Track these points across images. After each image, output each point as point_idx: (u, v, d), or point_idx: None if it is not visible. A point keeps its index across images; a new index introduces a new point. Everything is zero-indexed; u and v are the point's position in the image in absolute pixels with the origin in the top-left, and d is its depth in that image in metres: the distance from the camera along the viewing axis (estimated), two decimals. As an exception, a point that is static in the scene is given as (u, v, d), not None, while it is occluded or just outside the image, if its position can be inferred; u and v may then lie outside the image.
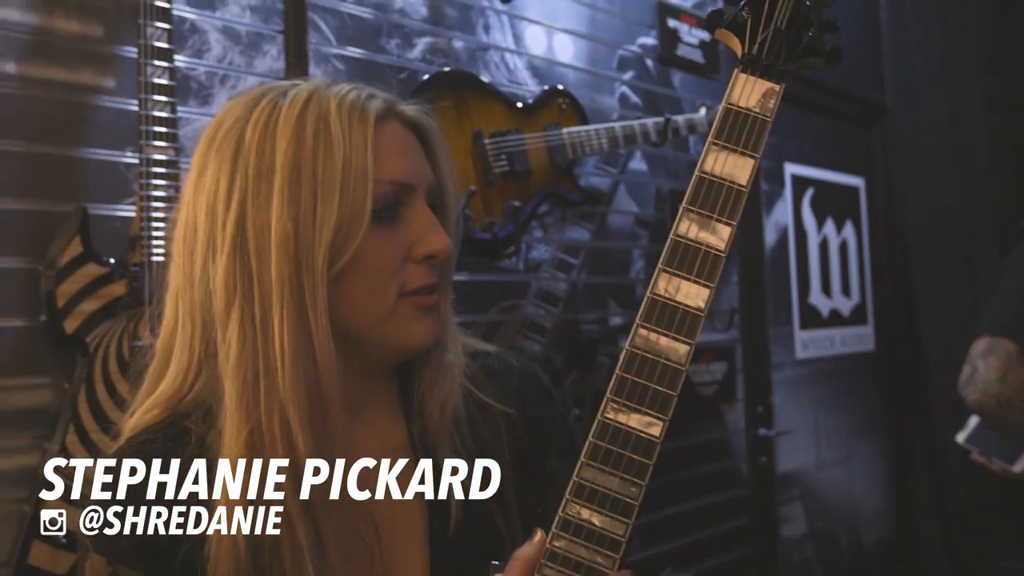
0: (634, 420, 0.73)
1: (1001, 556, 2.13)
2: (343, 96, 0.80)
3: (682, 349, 0.73)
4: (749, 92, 0.76)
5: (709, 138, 0.75)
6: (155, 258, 1.37)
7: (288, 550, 0.75)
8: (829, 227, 3.40)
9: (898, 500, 3.69)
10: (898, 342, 3.70)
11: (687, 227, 0.74)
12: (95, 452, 1.33)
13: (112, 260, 1.38)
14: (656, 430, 0.73)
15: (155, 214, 1.38)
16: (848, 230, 3.53)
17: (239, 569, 0.75)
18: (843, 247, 3.48)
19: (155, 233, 1.37)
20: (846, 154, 3.57)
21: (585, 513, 0.73)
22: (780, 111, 0.75)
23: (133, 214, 1.43)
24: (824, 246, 3.37)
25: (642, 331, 0.73)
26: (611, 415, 0.73)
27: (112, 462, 0.79)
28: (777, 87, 0.76)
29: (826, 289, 3.35)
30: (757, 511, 2.81)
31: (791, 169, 3.23)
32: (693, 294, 0.73)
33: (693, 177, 0.75)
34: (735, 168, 0.74)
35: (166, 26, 1.41)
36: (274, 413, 0.75)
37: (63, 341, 1.34)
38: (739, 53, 0.77)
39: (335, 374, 0.77)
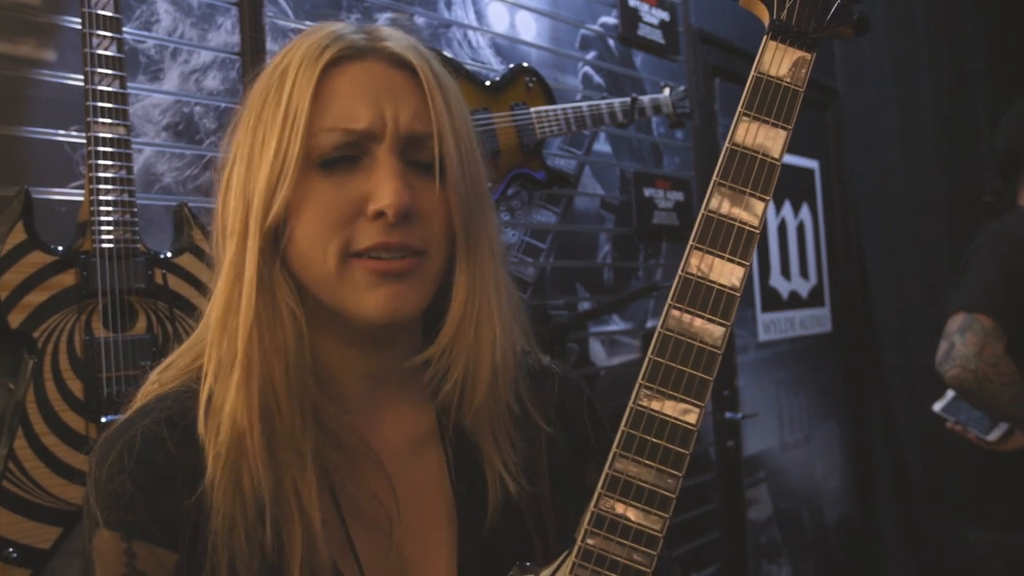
0: (669, 407, 0.68)
1: (973, 529, 2.14)
2: (317, 39, 0.76)
3: (717, 331, 0.69)
4: (780, 61, 0.73)
5: (739, 108, 0.72)
6: (108, 245, 1.27)
7: (291, 493, 0.72)
8: (787, 209, 3.40)
9: (858, 479, 3.73)
10: (854, 322, 3.74)
11: (719, 202, 0.71)
12: (47, 457, 1.23)
13: (59, 248, 1.27)
14: (692, 417, 0.68)
15: (104, 197, 1.28)
16: (804, 212, 3.54)
17: (244, 512, 0.71)
18: (800, 229, 3.49)
19: (105, 218, 1.27)
20: (801, 137, 3.58)
21: (620, 508, 0.69)
22: (737, 94, 0.73)
23: (81, 198, 1.32)
24: (782, 228, 3.37)
25: (675, 312, 0.68)
26: (644, 402, 0.68)
27: (126, 433, 0.74)
28: (808, 56, 0.73)
29: (785, 271, 3.35)
30: (725, 495, 2.80)
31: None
32: (727, 272, 0.70)
33: (724, 149, 0.71)
34: (767, 140, 0.71)
35: (112, -6, 1.30)
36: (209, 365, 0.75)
37: (7, 336, 1.23)
38: (766, 20, 0.74)
39: (262, 331, 0.73)
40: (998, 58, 3.61)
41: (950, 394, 2.13)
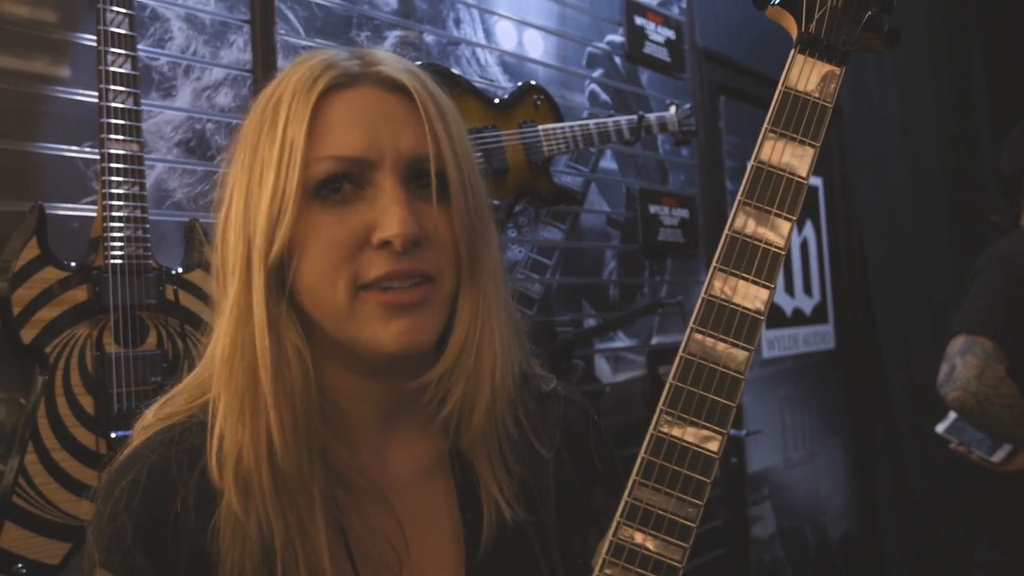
0: (690, 434, 0.67)
1: (977, 548, 2.13)
2: (311, 67, 0.74)
3: (741, 355, 0.67)
4: (808, 75, 0.71)
5: (765, 125, 0.70)
6: (118, 261, 1.27)
7: (299, 541, 0.70)
8: (790, 226, 3.39)
9: (861, 496, 3.71)
10: (857, 340, 3.73)
11: (744, 222, 0.69)
12: (57, 473, 1.22)
13: (72, 263, 1.27)
14: (714, 445, 0.67)
15: (117, 213, 1.28)
16: (808, 229, 3.54)
17: (250, 558, 0.70)
18: (804, 246, 3.49)
19: (118, 234, 1.28)
20: (804, 154, 3.58)
21: (639, 537, 0.67)
22: (742, 112, 0.70)
23: (94, 214, 1.32)
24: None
25: (697, 336, 0.67)
26: (665, 429, 0.67)
27: (131, 469, 0.72)
28: (838, 70, 0.71)
29: (789, 288, 3.35)
30: (729, 512, 2.78)
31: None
32: (751, 295, 0.68)
33: (749, 167, 0.69)
34: (794, 158, 0.69)
35: (127, 11, 1.31)
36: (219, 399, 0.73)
37: (20, 352, 1.23)
38: (794, 33, 0.72)
39: (275, 369, 0.71)
40: (1001, 76, 3.61)
41: (952, 415, 2.12)
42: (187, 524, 0.71)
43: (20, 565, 1.19)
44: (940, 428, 2.18)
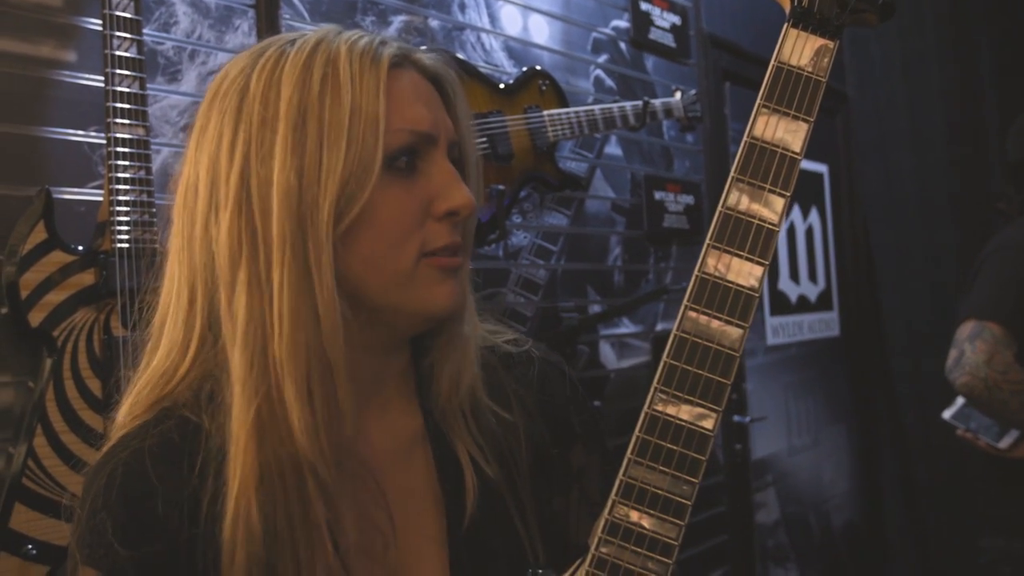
0: (685, 412, 0.67)
1: (981, 534, 2.13)
2: (355, 41, 0.73)
3: (735, 333, 0.67)
4: (800, 49, 0.69)
5: (758, 100, 0.69)
6: (124, 244, 1.28)
7: (303, 535, 0.69)
8: (795, 213, 3.39)
9: (865, 483, 3.72)
10: (862, 327, 3.73)
11: (737, 198, 0.68)
12: (66, 455, 1.23)
13: (79, 247, 1.28)
14: (709, 423, 0.67)
15: (123, 197, 1.29)
16: (813, 216, 3.53)
17: (254, 555, 0.68)
18: (809, 233, 3.48)
19: (124, 218, 1.28)
20: (810, 141, 3.56)
21: (634, 515, 0.67)
22: (747, 98, 0.70)
23: (100, 198, 1.33)
24: (791, 232, 3.36)
25: (691, 314, 0.67)
26: (660, 407, 0.67)
27: (106, 467, 0.72)
28: (831, 44, 0.70)
29: (794, 275, 3.34)
30: (734, 498, 2.79)
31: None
32: (745, 272, 0.68)
33: (742, 143, 0.69)
34: (787, 133, 0.69)
35: (133, -5, 1.31)
36: (282, 384, 0.70)
37: (27, 335, 1.24)
38: (787, 7, 0.71)
39: (341, 342, 0.70)
40: (1008, 61, 3.59)
41: (959, 401, 2.13)
42: (170, 519, 0.70)
43: (30, 546, 1.21)
44: (947, 414, 2.18)
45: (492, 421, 0.81)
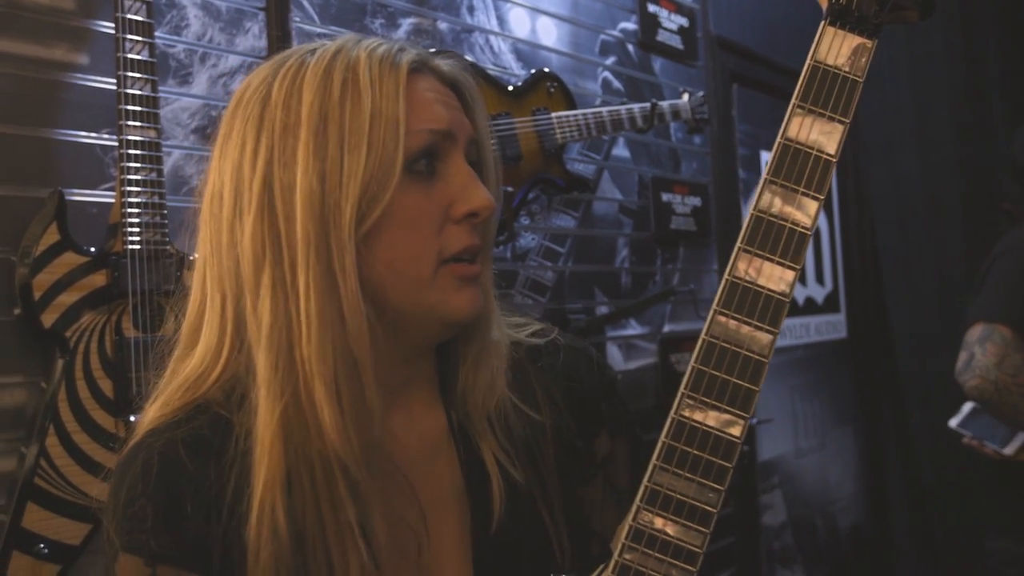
0: (712, 418, 0.66)
1: (989, 537, 2.13)
2: (373, 48, 0.74)
3: (765, 339, 0.66)
4: (838, 48, 0.68)
5: (793, 100, 0.68)
6: (136, 246, 1.28)
7: (333, 535, 0.69)
8: (802, 215, 3.38)
9: (872, 486, 3.71)
10: (869, 329, 3.72)
11: (770, 201, 0.67)
12: (78, 455, 1.23)
13: (92, 249, 1.28)
14: (737, 430, 0.66)
15: (135, 199, 1.28)
16: (821, 218, 3.52)
17: (280, 555, 0.69)
18: (816, 235, 3.47)
19: (136, 220, 1.28)
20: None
21: (659, 522, 0.66)
22: (754, 100, 0.69)
23: (112, 200, 1.33)
24: (798, 234, 3.34)
25: (721, 318, 0.67)
26: (687, 413, 0.67)
27: (140, 456, 0.72)
28: (870, 43, 0.68)
29: (801, 277, 3.33)
30: (740, 500, 2.79)
31: (767, 157, 3.20)
32: (776, 277, 0.67)
33: (775, 144, 0.68)
34: (822, 135, 0.67)
35: (145, -2, 1.31)
36: (310, 385, 0.70)
37: (40, 336, 1.24)
38: (824, 5, 0.69)
39: (367, 341, 0.71)
40: (1015, 63, 3.58)
41: (966, 409, 2.12)
42: (206, 506, 0.71)
43: (42, 545, 1.21)
44: (953, 423, 2.17)
45: (518, 423, 0.80)
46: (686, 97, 2.17)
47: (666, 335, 2.55)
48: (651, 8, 2.59)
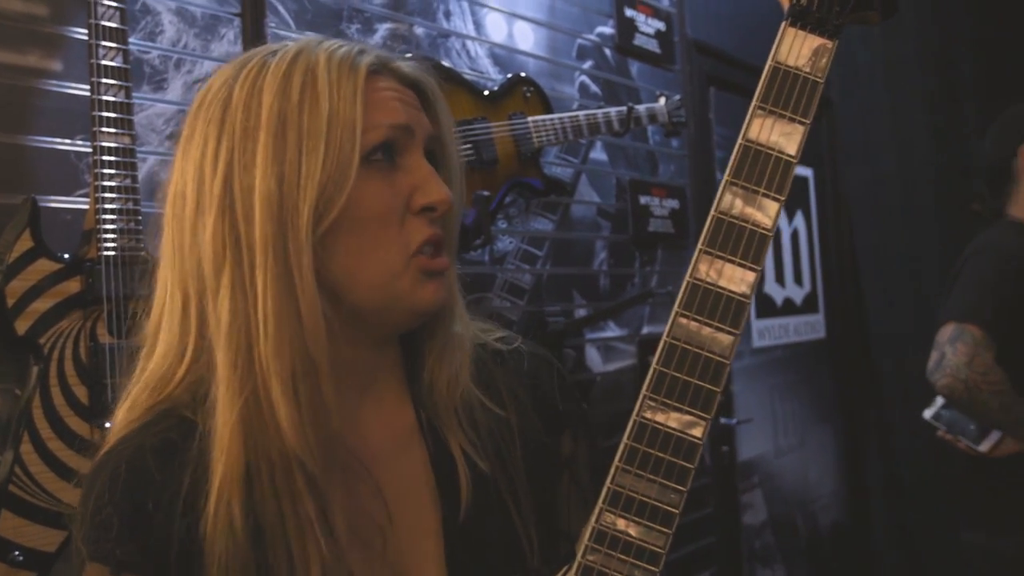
0: (674, 420, 0.67)
1: (964, 532, 2.14)
2: (333, 51, 0.75)
3: (726, 340, 0.67)
4: (798, 49, 0.68)
5: (754, 101, 0.68)
6: (111, 252, 1.28)
7: (293, 529, 0.70)
8: (781, 216, 3.39)
9: (851, 483, 3.73)
10: (847, 329, 3.74)
11: (730, 202, 0.68)
12: (52, 461, 1.22)
13: (65, 255, 1.27)
14: (698, 431, 0.67)
15: (109, 206, 1.28)
16: (799, 220, 3.55)
17: (235, 550, 0.69)
18: (795, 236, 3.50)
19: (110, 226, 1.28)
20: (795, 145, 3.58)
21: (621, 523, 0.67)
22: (732, 103, 0.69)
23: (86, 206, 1.32)
24: (777, 235, 3.37)
25: (682, 320, 0.67)
26: (649, 415, 0.67)
27: (108, 465, 0.73)
28: (830, 44, 0.68)
29: (780, 278, 3.36)
30: (720, 500, 2.80)
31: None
32: (737, 278, 0.67)
33: (736, 146, 0.68)
34: (783, 136, 0.68)
35: (118, 5, 1.30)
36: (268, 382, 0.71)
37: (14, 343, 1.23)
38: (785, 5, 0.69)
39: (324, 339, 0.72)
40: (987, 68, 3.62)
41: (939, 401, 2.14)
42: (170, 511, 0.71)
43: (17, 552, 1.20)
44: (927, 414, 2.19)
45: (484, 417, 0.81)
46: (663, 101, 2.18)
47: (644, 337, 2.56)
48: (628, 12, 2.61)
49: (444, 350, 0.80)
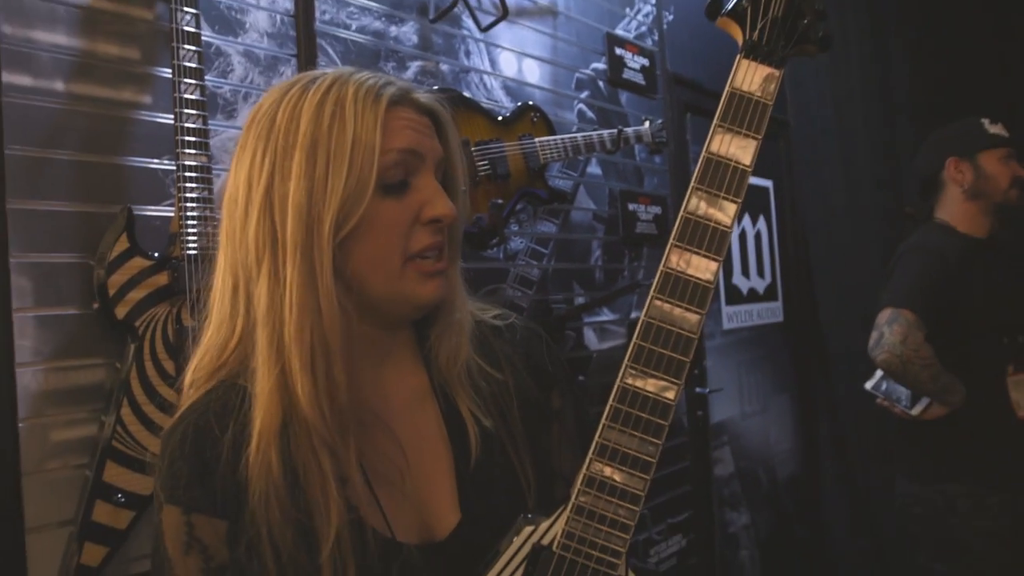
0: (651, 385, 0.67)
1: (898, 482, 2.14)
2: (361, 83, 0.75)
3: (694, 318, 0.67)
4: (751, 77, 0.69)
5: (715, 120, 0.69)
6: (191, 251, 1.29)
7: (316, 476, 0.72)
8: (746, 221, 3.39)
9: (805, 442, 3.72)
10: (801, 314, 3.73)
11: (696, 204, 0.68)
12: (147, 421, 1.25)
13: (155, 254, 1.29)
14: (671, 394, 0.67)
15: (190, 213, 1.30)
16: (761, 223, 3.53)
17: (273, 488, 0.71)
18: (757, 236, 3.48)
19: (191, 230, 1.29)
20: (758, 161, 3.54)
21: (607, 471, 0.67)
22: (705, 127, 0.69)
23: (172, 213, 1.34)
24: (743, 236, 3.36)
25: (657, 302, 0.68)
26: (630, 380, 0.68)
27: (180, 426, 0.75)
28: (777, 72, 0.69)
29: (745, 271, 3.34)
30: (695, 455, 2.80)
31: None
32: (703, 267, 0.67)
33: (701, 157, 0.68)
34: (739, 149, 0.68)
35: (196, 48, 1.32)
36: (291, 360, 0.72)
37: (115, 326, 1.25)
38: (739, 40, 0.70)
39: (339, 327, 0.73)
40: (921, 93, 3.59)
41: (879, 374, 2.13)
42: (228, 463, 0.73)
43: (120, 495, 1.22)
44: (868, 385, 2.18)
45: (485, 384, 0.82)
46: (647, 124, 2.18)
47: (633, 320, 2.56)
48: (618, 51, 2.60)
49: (444, 333, 0.81)
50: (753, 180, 3.57)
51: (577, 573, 0.68)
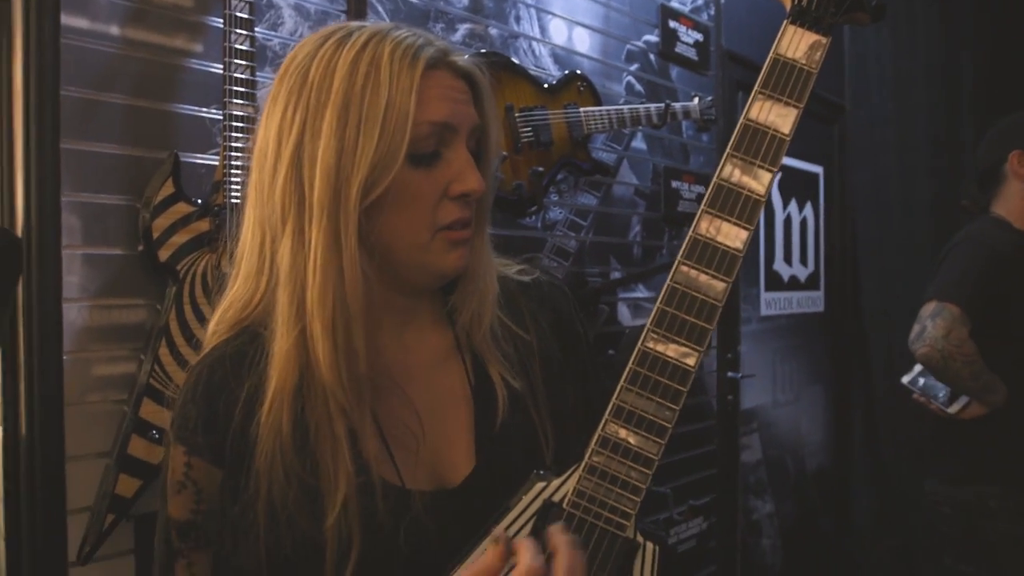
0: (671, 350, 0.67)
1: (929, 481, 2.10)
2: (399, 42, 0.71)
3: (719, 286, 0.66)
4: (797, 44, 0.67)
5: (756, 87, 0.67)
6: (234, 200, 1.32)
7: (328, 442, 0.72)
8: (792, 206, 3.33)
9: (836, 435, 3.67)
10: (843, 305, 3.66)
11: (730, 171, 0.66)
12: (183, 362, 1.29)
13: (199, 200, 1.32)
14: (691, 360, 0.67)
15: (235, 162, 1.32)
16: (808, 210, 3.46)
17: (281, 448, 0.71)
18: (803, 224, 3.42)
19: (235, 179, 1.32)
20: (809, 146, 3.49)
21: (623, 433, 0.67)
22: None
23: (217, 162, 1.37)
24: (788, 222, 3.30)
25: (683, 268, 0.67)
26: (651, 344, 0.67)
27: (196, 369, 0.76)
28: (824, 39, 0.66)
29: (787, 258, 3.29)
30: (723, 440, 2.79)
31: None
32: (733, 235, 0.66)
33: (739, 124, 0.66)
34: (779, 117, 0.66)
35: (248, -1, 1.33)
36: (312, 323, 0.71)
37: (157, 268, 1.29)
38: (787, 5, 0.68)
39: (361, 293, 0.71)
40: (985, 82, 3.46)
41: (917, 368, 2.09)
42: (233, 414, 0.73)
43: (154, 431, 1.27)
44: (905, 379, 2.14)
45: (511, 345, 0.81)
46: (696, 100, 2.14)
47: (668, 299, 2.54)
48: (671, 24, 2.55)
49: (466, 300, 0.79)
50: (803, 165, 3.51)
51: (586, 531, 0.68)
